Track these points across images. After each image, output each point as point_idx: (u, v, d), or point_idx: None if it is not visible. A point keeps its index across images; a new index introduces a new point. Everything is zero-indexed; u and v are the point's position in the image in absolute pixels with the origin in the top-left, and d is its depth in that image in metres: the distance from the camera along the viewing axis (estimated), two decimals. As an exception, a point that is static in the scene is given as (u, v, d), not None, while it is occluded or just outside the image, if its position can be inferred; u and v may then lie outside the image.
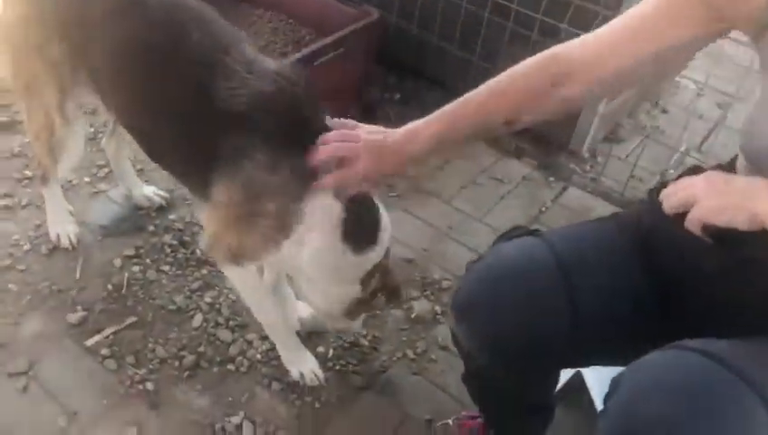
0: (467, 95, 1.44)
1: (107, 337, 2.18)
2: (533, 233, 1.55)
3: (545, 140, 3.19)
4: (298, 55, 2.93)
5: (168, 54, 1.79)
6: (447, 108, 1.46)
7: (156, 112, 1.86)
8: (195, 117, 1.75)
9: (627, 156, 3.27)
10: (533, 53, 1.42)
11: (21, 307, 2.23)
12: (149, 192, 2.64)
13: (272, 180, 1.65)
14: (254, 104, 1.65)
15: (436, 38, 3.33)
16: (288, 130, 1.64)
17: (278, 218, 1.70)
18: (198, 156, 1.79)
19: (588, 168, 3.18)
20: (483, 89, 1.44)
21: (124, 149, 2.56)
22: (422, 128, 1.46)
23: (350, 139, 1.52)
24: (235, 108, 1.65)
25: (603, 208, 2.93)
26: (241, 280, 1.94)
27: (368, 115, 3.21)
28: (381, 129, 1.53)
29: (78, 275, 2.36)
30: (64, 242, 2.43)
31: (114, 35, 1.87)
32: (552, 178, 3.10)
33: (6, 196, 2.60)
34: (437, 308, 2.44)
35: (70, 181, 2.70)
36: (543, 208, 2.94)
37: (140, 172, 2.73)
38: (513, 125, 1.46)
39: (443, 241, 2.73)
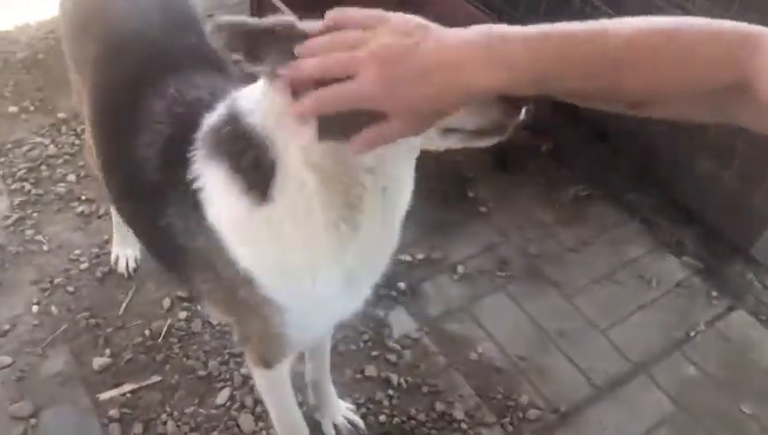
0: (596, 25, 0.79)
1: (123, 394, 1.95)
2: None
3: (717, 238, 2.48)
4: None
5: (126, 114, 1.43)
6: (558, 31, 0.79)
7: (121, 185, 1.54)
8: (137, 196, 1.43)
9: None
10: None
11: (54, 338, 2.07)
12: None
13: (212, 257, 1.28)
14: (164, 162, 1.33)
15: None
16: (188, 190, 1.26)
17: (258, 301, 1.29)
18: (158, 246, 1.49)
19: (771, 285, 2.43)
20: (630, 29, 0.78)
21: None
22: (500, 44, 0.79)
23: (347, 43, 0.87)
24: (151, 171, 1.34)
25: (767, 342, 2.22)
26: (267, 384, 1.61)
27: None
28: (411, 21, 0.87)
29: (121, 311, 2.15)
30: (121, 267, 2.25)
31: (96, 81, 1.57)
32: (715, 292, 2.39)
33: (87, 201, 2.47)
34: (513, 447, 1.94)
35: (154, 195, 2.52)
36: (693, 332, 2.27)
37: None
38: (642, 108, 0.84)
39: (547, 351, 2.18)
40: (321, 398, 1.96)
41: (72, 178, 2.54)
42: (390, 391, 2.04)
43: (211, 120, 1.24)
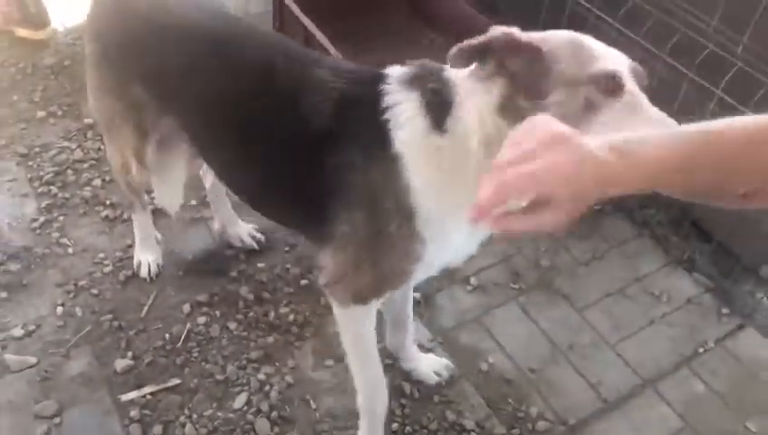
0: (717, 124, 0.92)
1: (143, 396, 2.01)
2: None
3: (728, 257, 2.50)
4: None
5: (256, 94, 1.64)
6: (685, 132, 0.94)
7: (253, 159, 1.71)
8: (291, 148, 1.61)
9: None
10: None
11: (78, 339, 2.13)
12: (244, 232, 2.44)
13: (383, 186, 1.49)
14: (340, 112, 1.53)
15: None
16: (374, 125, 1.48)
17: (406, 235, 1.51)
18: (304, 193, 1.63)
19: (783, 304, 2.45)
20: (744, 124, 0.91)
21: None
22: (637, 145, 0.91)
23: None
24: (323, 123, 1.53)
25: (785, 368, 2.24)
26: (358, 323, 1.72)
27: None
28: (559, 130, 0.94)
29: (144, 314, 2.22)
30: (144, 272, 2.31)
31: (200, 83, 1.71)
32: (726, 310, 2.41)
33: (112, 206, 2.54)
34: (521, 457, 1.98)
35: (177, 201, 2.58)
36: (702, 349, 2.29)
37: (240, 206, 2.52)
38: (751, 201, 0.95)
39: (557, 364, 2.22)
40: (411, 357, 2.13)
41: (97, 182, 2.61)
42: (403, 400, 2.08)
43: (398, 72, 1.50)
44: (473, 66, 1.34)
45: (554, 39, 1.32)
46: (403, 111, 1.45)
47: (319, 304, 2.28)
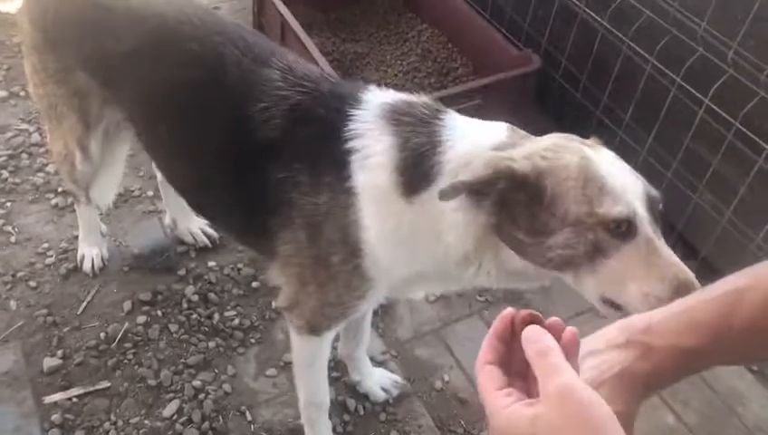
0: (735, 292, 0.85)
1: (69, 399, 1.89)
2: None
3: (714, 274, 2.31)
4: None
5: (201, 88, 1.51)
6: (702, 312, 0.86)
7: (194, 158, 1.59)
8: (231, 153, 1.48)
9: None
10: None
11: (8, 334, 2.02)
12: (196, 227, 2.31)
13: (331, 215, 1.36)
14: (288, 124, 1.40)
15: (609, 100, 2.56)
16: (332, 150, 1.34)
17: (349, 270, 1.38)
18: (243, 203, 1.50)
19: None
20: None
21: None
22: (651, 333, 0.86)
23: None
24: (268, 133, 1.40)
25: (755, 397, 2.07)
26: (310, 353, 1.63)
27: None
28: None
29: (81, 311, 2.10)
30: (86, 266, 2.19)
31: (146, 71, 1.59)
32: (706, 335, 2.25)
33: (63, 194, 2.42)
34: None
35: (131, 191, 2.46)
36: (677, 377, 2.13)
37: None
38: None
39: (517, 385, 2.06)
40: (360, 369, 1.99)
41: (51, 168, 2.50)
42: (346, 417, 1.94)
43: (378, 99, 1.35)
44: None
45: (560, 169, 1.15)
46: (372, 154, 1.30)
47: (268, 308, 2.15)
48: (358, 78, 2.87)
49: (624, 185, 1.15)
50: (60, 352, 1.99)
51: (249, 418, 1.91)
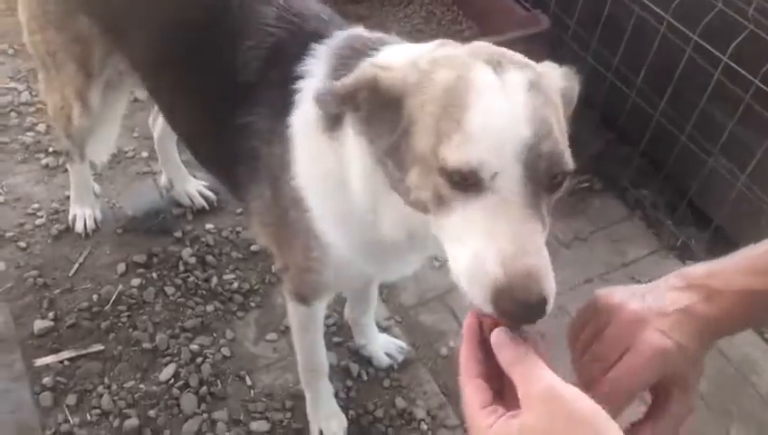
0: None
1: (61, 362, 1.82)
2: None
3: (727, 244, 2.25)
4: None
5: (203, 29, 1.43)
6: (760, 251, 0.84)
7: (192, 102, 1.52)
8: (219, 96, 1.40)
9: None
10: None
11: (-3, 295, 1.94)
12: (193, 189, 2.22)
13: (281, 166, 1.25)
14: (266, 65, 1.30)
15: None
16: (287, 90, 1.23)
17: (303, 229, 1.27)
18: (220, 151, 1.44)
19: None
20: None
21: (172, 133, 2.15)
22: (714, 277, 0.83)
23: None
24: (248, 75, 1.31)
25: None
26: (302, 320, 1.57)
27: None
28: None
29: (72, 272, 2.02)
30: (79, 227, 2.11)
31: (151, 11, 1.51)
32: (718, 303, 2.19)
33: (54, 153, 2.32)
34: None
35: (125, 152, 2.37)
36: (688, 345, 2.07)
37: (192, 160, 2.30)
38: None
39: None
40: (366, 334, 1.93)
41: (41, 127, 2.41)
42: (349, 382, 1.88)
43: (343, 34, 1.23)
44: None
45: (427, 87, 0.91)
46: (310, 87, 1.16)
47: (268, 272, 2.07)
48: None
49: (492, 126, 0.85)
50: (51, 315, 1.91)
51: (249, 383, 1.84)
